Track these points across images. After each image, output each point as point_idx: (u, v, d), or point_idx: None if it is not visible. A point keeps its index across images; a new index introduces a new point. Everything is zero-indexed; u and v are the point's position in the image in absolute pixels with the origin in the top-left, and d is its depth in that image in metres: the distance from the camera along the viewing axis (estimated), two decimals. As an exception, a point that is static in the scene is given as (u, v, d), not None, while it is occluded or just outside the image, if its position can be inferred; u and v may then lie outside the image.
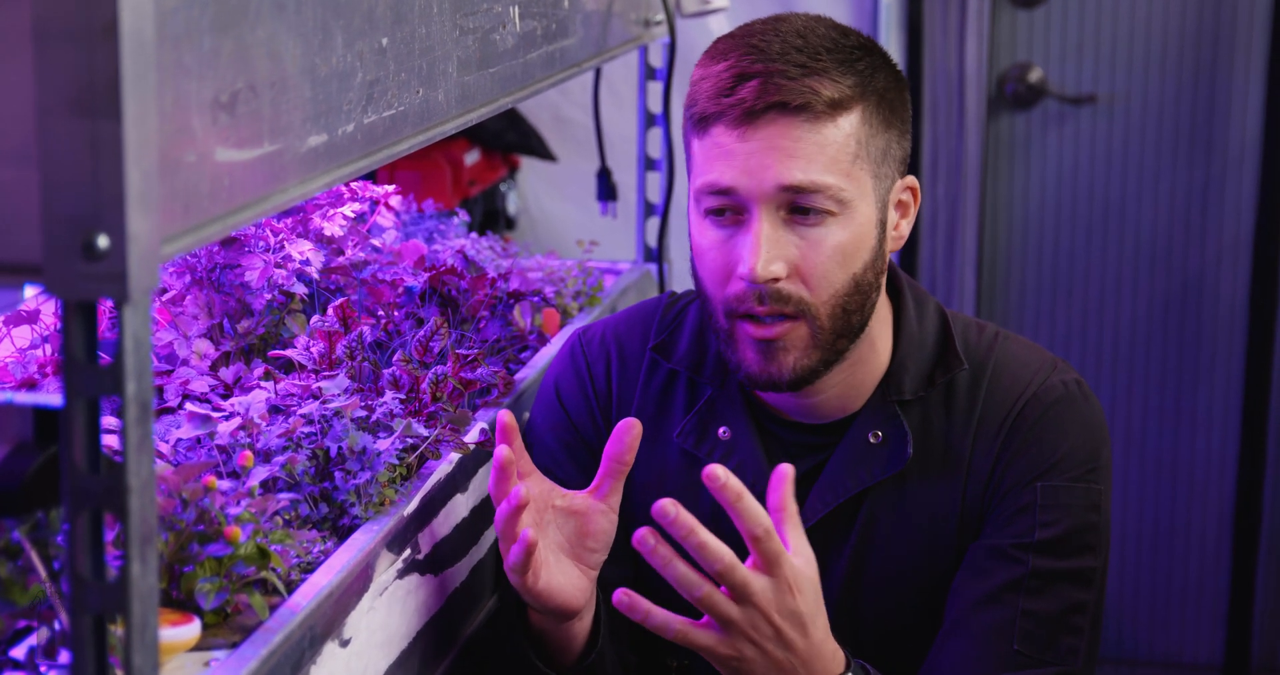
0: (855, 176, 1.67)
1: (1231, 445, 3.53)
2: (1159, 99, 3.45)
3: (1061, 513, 1.74)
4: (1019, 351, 1.81)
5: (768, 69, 1.65)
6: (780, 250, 1.66)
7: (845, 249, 1.68)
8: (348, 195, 2.06)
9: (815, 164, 1.65)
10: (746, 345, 1.70)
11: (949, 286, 3.51)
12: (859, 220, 1.68)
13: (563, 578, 1.67)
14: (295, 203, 1.35)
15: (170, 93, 1.12)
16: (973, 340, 1.80)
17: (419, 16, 1.59)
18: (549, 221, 3.66)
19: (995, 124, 3.53)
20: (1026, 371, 1.79)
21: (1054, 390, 1.78)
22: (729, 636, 1.57)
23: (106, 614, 1.09)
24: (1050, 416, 1.77)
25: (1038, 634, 1.71)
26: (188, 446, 1.64)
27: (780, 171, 1.64)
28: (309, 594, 1.44)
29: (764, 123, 1.65)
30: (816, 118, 1.65)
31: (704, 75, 1.70)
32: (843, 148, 1.66)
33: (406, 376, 1.78)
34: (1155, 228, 3.50)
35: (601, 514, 1.69)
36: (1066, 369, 1.81)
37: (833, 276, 1.68)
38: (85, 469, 1.07)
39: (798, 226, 1.67)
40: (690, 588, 1.55)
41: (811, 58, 1.66)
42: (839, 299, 1.69)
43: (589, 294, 2.36)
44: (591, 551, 1.70)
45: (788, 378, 1.69)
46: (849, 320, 1.70)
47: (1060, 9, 3.47)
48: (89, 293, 1.04)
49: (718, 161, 1.67)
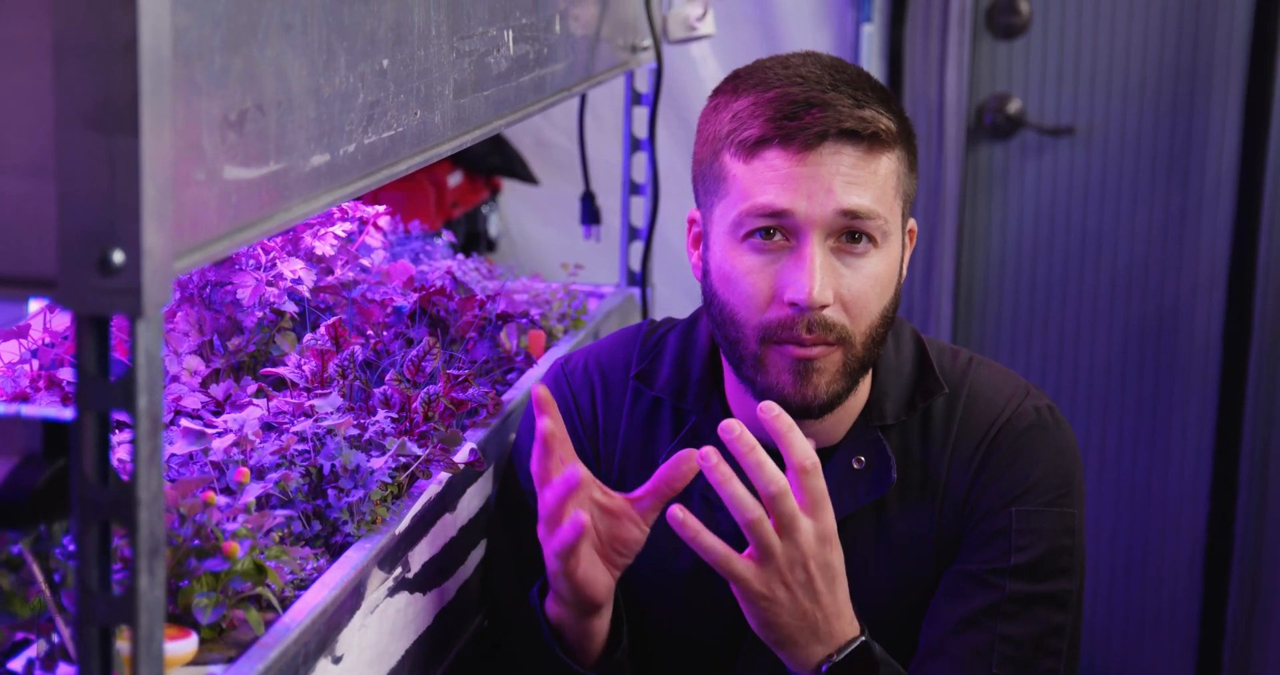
0: (894, 210, 1.72)
1: (1204, 474, 3.55)
2: (1136, 131, 3.48)
3: (1035, 537, 1.76)
4: (992, 377, 1.83)
5: (827, 98, 1.67)
6: (831, 278, 1.68)
7: (882, 280, 1.71)
8: (338, 215, 2.07)
9: (871, 192, 1.68)
10: (781, 369, 1.71)
11: (926, 314, 3.53)
12: (893, 254, 1.72)
13: (596, 573, 1.68)
14: (299, 222, 1.36)
15: (182, 110, 1.13)
16: (947, 365, 1.83)
17: (418, 39, 1.60)
18: (530, 244, 3.67)
19: (974, 154, 3.55)
20: (1000, 397, 1.81)
21: (1027, 416, 1.80)
22: (765, 572, 1.59)
23: (113, 626, 1.09)
24: (1023, 442, 1.79)
25: (1016, 657, 1.73)
26: (180, 463, 1.65)
27: (841, 197, 1.66)
28: (303, 611, 1.45)
29: (826, 149, 1.67)
30: (873, 149, 1.68)
31: (753, 102, 1.70)
32: (888, 181, 1.70)
33: (398, 395, 1.79)
34: (1131, 258, 3.53)
35: (635, 525, 1.70)
36: (1039, 395, 1.83)
37: (871, 306, 1.71)
38: (95, 481, 1.08)
39: (844, 255, 1.69)
40: (744, 509, 1.57)
41: (861, 92, 1.70)
42: (872, 329, 1.72)
43: (574, 317, 2.37)
44: (619, 555, 1.70)
45: (822, 399, 1.71)
46: (875, 352, 1.74)
47: (1040, 41, 3.50)
48: (103, 307, 1.05)
49: (771, 184, 1.68)
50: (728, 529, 1.78)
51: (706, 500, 1.80)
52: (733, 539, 1.78)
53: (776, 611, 1.61)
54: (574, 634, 1.74)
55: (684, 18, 2.61)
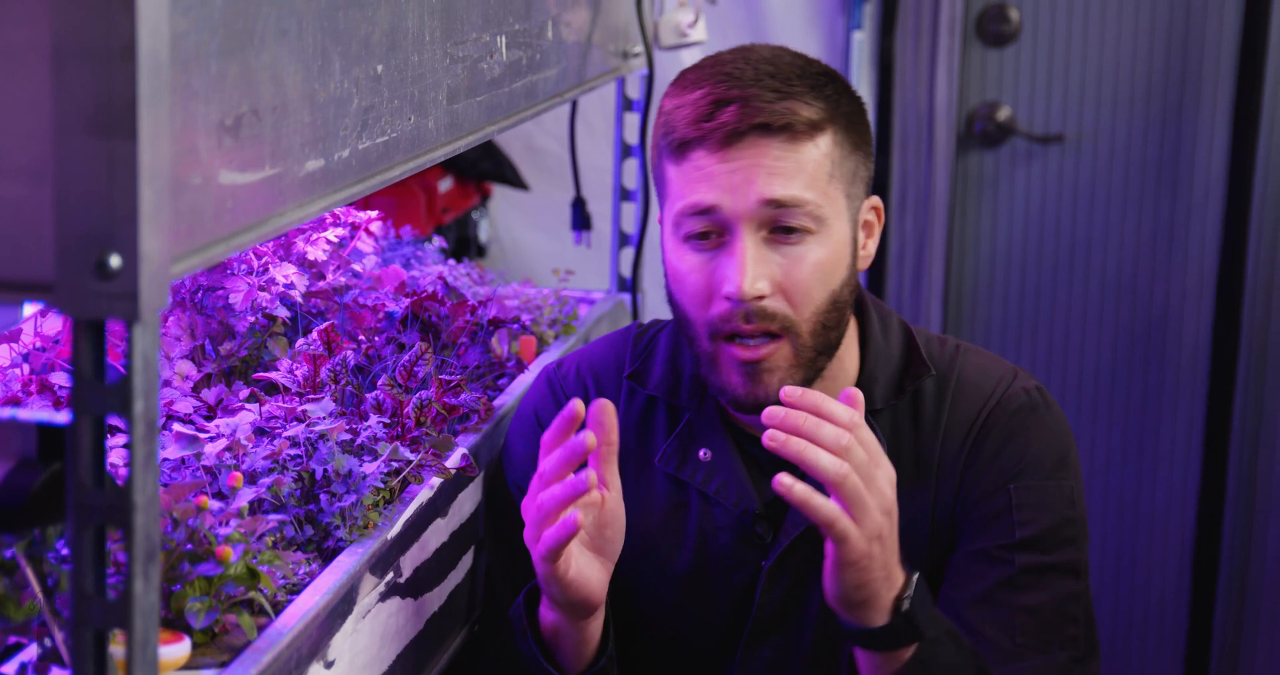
0: (831, 195, 1.72)
1: (1192, 481, 3.56)
2: (1126, 139, 3.49)
3: (1037, 511, 1.77)
4: (981, 362, 1.85)
5: (745, 93, 1.69)
6: (764, 268, 1.69)
7: (824, 266, 1.72)
8: (330, 220, 2.07)
9: (795, 181, 1.69)
10: (731, 369, 1.72)
11: (915, 319, 3.54)
12: (836, 238, 1.73)
13: (589, 569, 1.68)
14: (293, 226, 1.36)
15: (180, 114, 1.13)
16: (936, 352, 1.85)
17: (412, 44, 1.60)
18: (520, 250, 3.67)
19: (964, 161, 3.56)
20: (989, 381, 1.83)
21: (1017, 398, 1.82)
22: (863, 529, 1.57)
23: (108, 630, 1.09)
24: (1015, 422, 1.81)
25: (1038, 628, 1.74)
26: (172, 467, 1.65)
27: (762, 187, 1.68)
28: (296, 615, 1.45)
29: (745, 144, 1.69)
30: (795, 138, 1.69)
31: (679, 104, 1.73)
32: (819, 167, 1.71)
33: (390, 400, 1.79)
34: (1120, 266, 3.53)
35: (614, 500, 1.69)
36: (1027, 377, 1.85)
37: (814, 293, 1.71)
38: (91, 485, 1.08)
39: (779, 245, 1.70)
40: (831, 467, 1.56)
41: (785, 83, 1.71)
42: (820, 315, 1.72)
43: (564, 322, 2.37)
44: (610, 541, 1.69)
45: (774, 398, 1.72)
46: (828, 337, 1.74)
47: (1030, 49, 3.51)
48: (100, 311, 1.05)
49: (699, 183, 1.70)
50: (723, 524, 1.79)
51: (704, 496, 1.81)
52: (731, 532, 1.80)
53: (869, 567, 1.59)
54: (570, 641, 1.74)
55: (675, 24, 2.62)
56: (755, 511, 1.80)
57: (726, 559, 1.82)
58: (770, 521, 1.81)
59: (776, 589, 1.81)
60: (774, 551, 1.80)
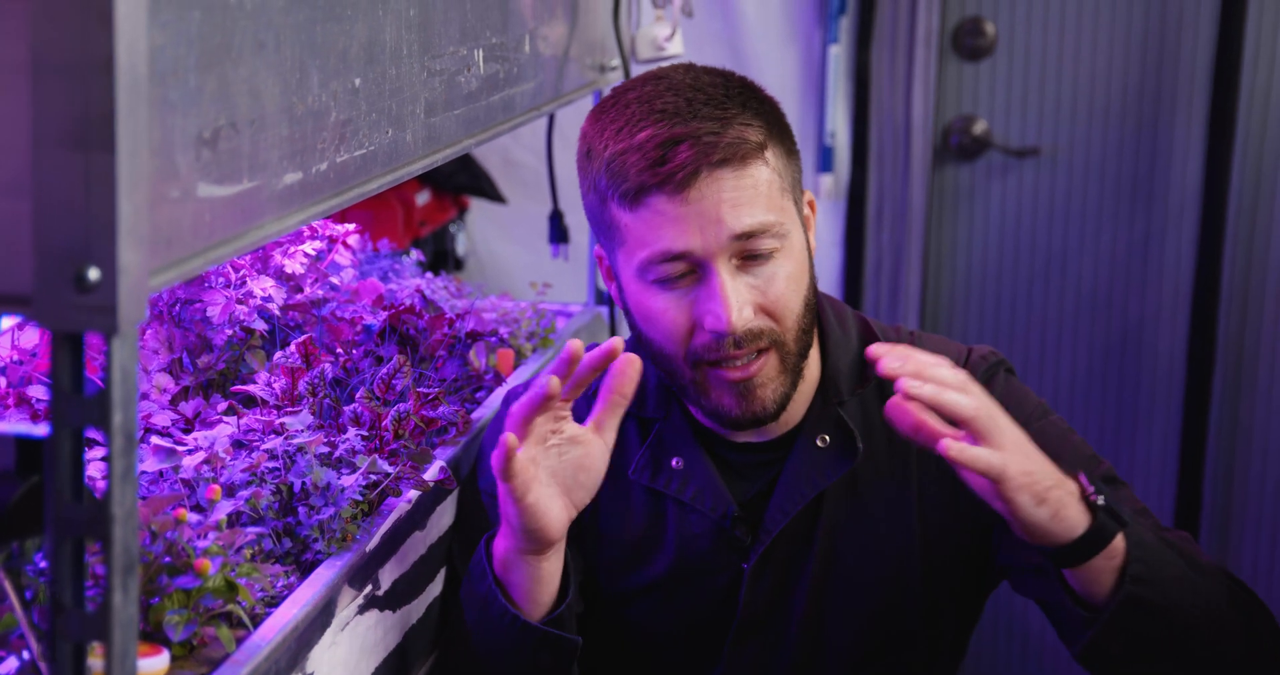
0: (785, 208, 1.74)
1: (1168, 494, 3.57)
2: (1101, 152, 3.50)
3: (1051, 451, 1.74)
4: (936, 342, 1.90)
5: (690, 129, 1.69)
6: (745, 296, 1.70)
7: (795, 277, 1.74)
8: (308, 233, 2.07)
9: (757, 207, 1.70)
10: (721, 391, 1.73)
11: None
12: (797, 247, 1.75)
13: (549, 501, 1.67)
14: (271, 240, 1.36)
15: (158, 128, 1.13)
16: (892, 337, 1.88)
17: (390, 58, 1.61)
18: (497, 263, 3.67)
19: (940, 174, 3.57)
20: (950, 353, 1.85)
21: (978, 366, 1.86)
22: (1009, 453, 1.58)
23: (86, 642, 1.09)
24: (985, 384, 1.80)
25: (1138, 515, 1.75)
26: (150, 480, 1.65)
27: (730, 223, 1.68)
28: (274, 628, 1.45)
29: (702, 182, 1.69)
30: (745, 163, 1.70)
31: (623, 149, 1.71)
32: (771, 185, 1.73)
33: (368, 413, 1.79)
34: (1096, 279, 3.54)
35: (599, 448, 1.69)
36: (980, 348, 1.89)
37: (792, 304, 1.74)
38: (69, 498, 1.08)
39: (751, 268, 1.72)
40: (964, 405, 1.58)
41: (720, 108, 1.71)
42: (800, 320, 1.75)
43: (542, 335, 2.38)
44: (581, 486, 1.69)
45: (770, 411, 1.75)
46: (806, 340, 1.78)
47: (1005, 63, 3.52)
48: (78, 324, 1.05)
49: (664, 229, 1.70)
50: (700, 530, 1.80)
51: (681, 504, 1.82)
52: (710, 537, 1.80)
53: (1037, 482, 1.59)
54: (521, 575, 1.71)
55: (652, 38, 2.62)
56: (733, 515, 1.81)
57: (707, 563, 1.83)
58: (748, 524, 1.82)
59: (759, 589, 1.82)
60: (754, 553, 1.81)
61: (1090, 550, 1.61)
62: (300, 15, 1.38)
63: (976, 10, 3.51)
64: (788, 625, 1.83)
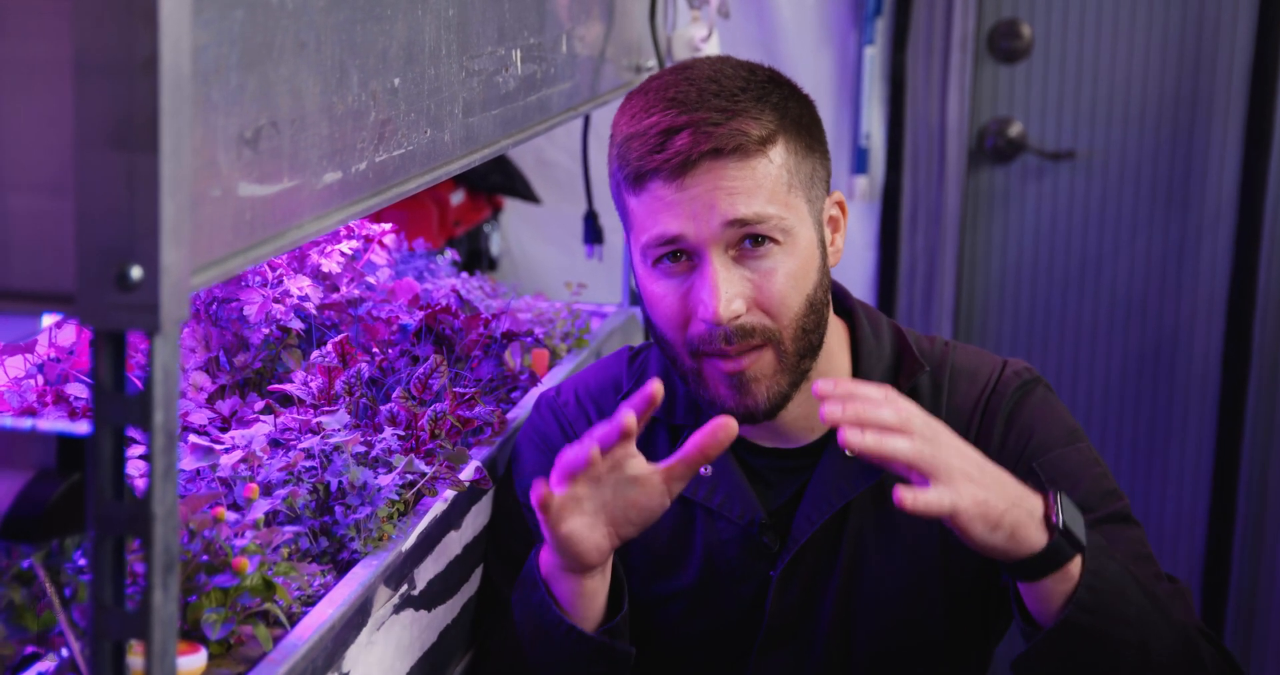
0: (792, 204, 1.73)
1: (1202, 501, 3.56)
2: (1137, 156, 3.49)
3: (1069, 479, 1.77)
4: (971, 355, 1.87)
5: (693, 119, 1.70)
6: (736, 287, 1.70)
7: (796, 274, 1.73)
8: (344, 232, 2.08)
9: (755, 198, 1.70)
10: (718, 382, 1.73)
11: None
12: (803, 245, 1.74)
13: (587, 531, 1.67)
14: (310, 239, 1.36)
15: (200, 128, 1.13)
16: (926, 349, 1.86)
17: (429, 58, 1.61)
18: (530, 263, 3.68)
19: (975, 177, 3.56)
20: (982, 372, 1.84)
21: (1010, 383, 1.84)
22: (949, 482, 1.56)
23: (126, 640, 1.10)
24: (1015, 406, 1.82)
25: None
26: (187, 478, 1.65)
27: (723, 209, 1.69)
28: (311, 627, 1.46)
29: (700, 170, 1.69)
30: (747, 156, 1.70)
31: (630, 135, 1.73)
32: (776, 180, 1.72)
33: (405, 413, 1.80)
34: (1131, 284, 3.53)
35: (660, 494, 1.69)
36: (1016, 362, 1.87)
37: (790, 301, 1.72)
38: (110, 496, 1.08)
39: (748, 261, 1.71)
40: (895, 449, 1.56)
41: (730, 100, 1.71)
42: (799, 321, 1.74)
43: (577, 336, 2.38)
44: (630, 523, 1.69)
45: (763, 407, 1.74)
46: (809, 340, 1.75)
47: (1041, 65, 3.51)
48: (121, 323, 1.05)
49: (661, 214, 1.71)
50: (728, 537, 1.80)
51: (709, 511, 1.82)
52: (738, 544, 1.80)
53: (994, 505, 1.57)
54: (564, 589, 1.73)
55: (688, 39, 2.62)
56: (761, 522, 1.81)
57: (734, 571, 1.83)
58: (776, 531, 1.81)
59: (787, 597, 1.81)
60: (781, 560, 1.81)
61: (1042, 569, 1.60)
62: (341, 15, 1.38)
63: (1013, 12, 3.50)
64: (814, 633, 1.83)
